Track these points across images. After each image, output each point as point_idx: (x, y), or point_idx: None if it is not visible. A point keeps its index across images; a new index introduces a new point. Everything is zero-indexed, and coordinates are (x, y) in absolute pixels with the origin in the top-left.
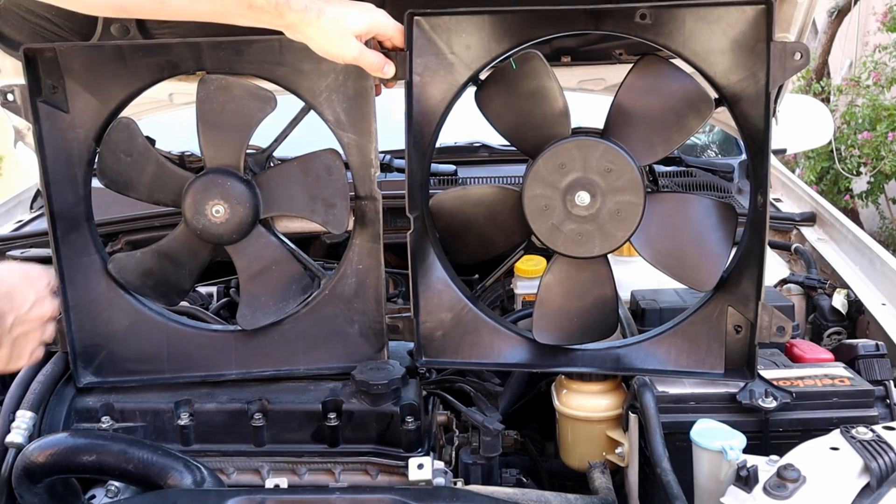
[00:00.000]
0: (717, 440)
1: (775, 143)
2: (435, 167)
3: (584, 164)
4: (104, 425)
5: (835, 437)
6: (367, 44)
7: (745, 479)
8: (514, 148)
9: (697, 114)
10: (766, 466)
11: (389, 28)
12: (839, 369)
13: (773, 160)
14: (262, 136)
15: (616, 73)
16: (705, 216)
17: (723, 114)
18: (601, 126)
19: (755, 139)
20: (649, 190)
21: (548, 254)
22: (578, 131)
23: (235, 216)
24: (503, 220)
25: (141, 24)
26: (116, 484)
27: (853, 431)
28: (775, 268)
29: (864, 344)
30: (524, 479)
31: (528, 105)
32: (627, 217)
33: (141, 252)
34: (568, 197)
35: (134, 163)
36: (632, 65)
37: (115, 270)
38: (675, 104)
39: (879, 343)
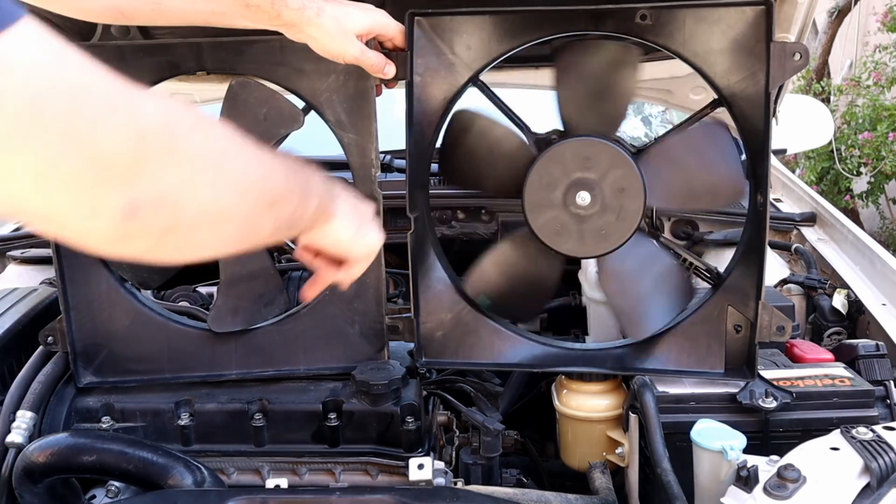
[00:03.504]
0: (717, 440)
1: (775, 143)
2: (435, 167)
3: (563, 171)
4: (104, 425)
5: (835, 437)
6: (367, 44)
7: (746, 480)
8: None
9: (627, 62)
10: (766, 466)
11: (390, 28)
12: (839, 369)
13: (773, 160)
14: None
15: None
16: (695, 143)
17: (723, 114)
18: None
19: (755, 139)
20: (634, 151)
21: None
22: (539, 139)
23: None
24: (536, 261)
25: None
26: (117, 484)
27: (853, 431)
28: (775, 268)
29: (864, 344)
30: (524, 480)
31: (491, 159)
32: (630, 187)
33: None
34: (571, 205)
35: None
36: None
37: None
38: (602, 72)
39: (880, 343)
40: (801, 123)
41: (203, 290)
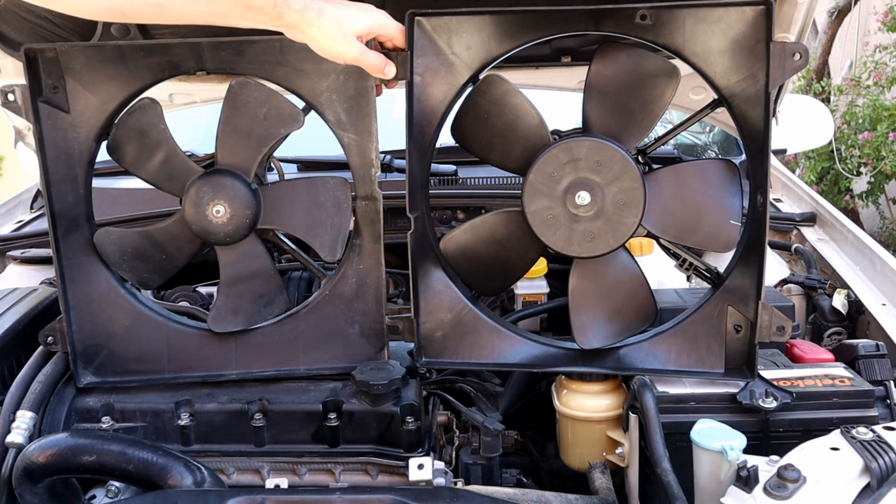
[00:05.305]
0: (717, 440)
1: (775, 143)
2: (435, 167)
3: (574, 166)
4: (104, 425)
5: (835, 437)
6: (367, 44)
7: (746, 480)
8: None
9: (668, 80)
10: (766, 467)
11: (390, 29)
12: (839, 369)
13: (773, 160)
14: None
15: None
16: (705, 178)
17: (723, 114)
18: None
19: (755, 139)
20: (646, 171)
21: (549, 254)
22: (558, 134)
23: (234, 220)
24: (515, 242)
25: (142, 24)
26: (117, 484)
27: (853, 432)
28: (775, 268)
29: (864, 344)
30: (524, 480)
31: (505, 129)
32: (631, 202)
33: (130, 229)
34: (569, 201)
35: (148, 144)
36: (590, 62)
37: (97, 240)
38: (641, 78)
39: (880, 343)
40: (801, 123)
41: (203, 290)
